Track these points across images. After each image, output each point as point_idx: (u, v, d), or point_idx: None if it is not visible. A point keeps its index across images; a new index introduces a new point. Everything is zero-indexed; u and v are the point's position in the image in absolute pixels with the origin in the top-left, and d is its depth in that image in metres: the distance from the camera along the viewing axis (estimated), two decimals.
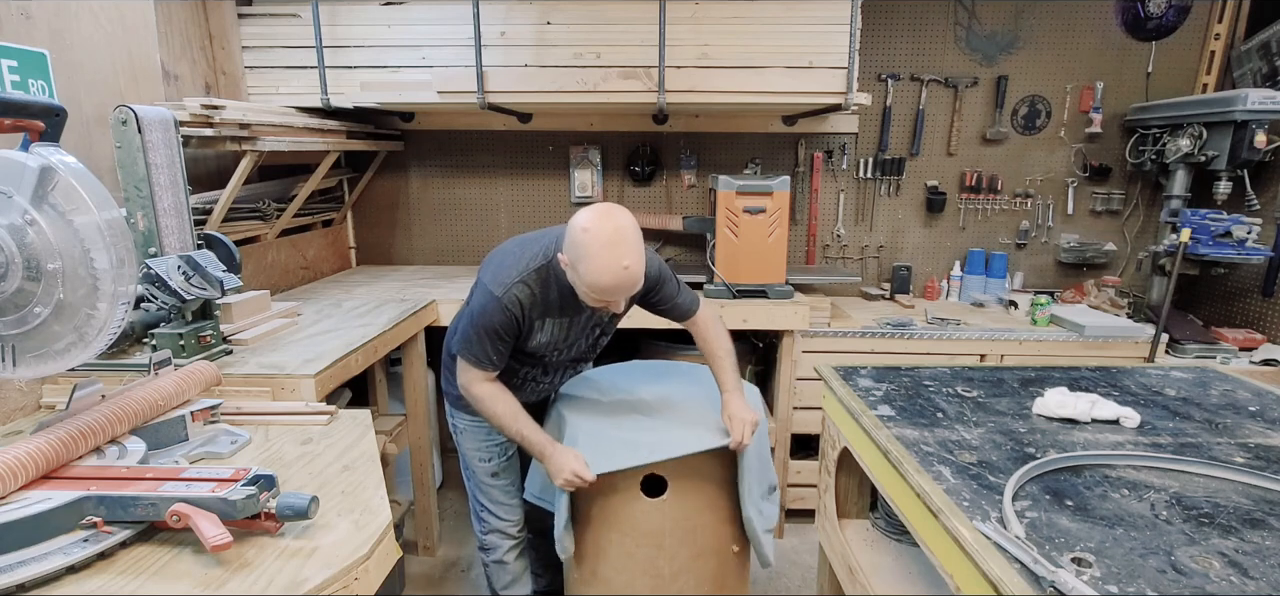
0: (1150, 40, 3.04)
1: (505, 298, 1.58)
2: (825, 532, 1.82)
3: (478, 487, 1.94)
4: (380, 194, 3.41)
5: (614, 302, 1.55)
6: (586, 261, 1.46)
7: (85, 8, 1.90)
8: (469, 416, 1.85)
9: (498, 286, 1.59)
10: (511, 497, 1.95)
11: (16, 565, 0.87)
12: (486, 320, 1.60)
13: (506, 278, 1.59)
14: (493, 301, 1.59)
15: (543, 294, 1.61)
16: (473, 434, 1.89)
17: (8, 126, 1.12)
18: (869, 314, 2.92)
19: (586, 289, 1.51)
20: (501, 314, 1.58)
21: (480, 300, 1.62)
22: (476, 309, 1.63)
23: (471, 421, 1.86)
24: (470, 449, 1.90)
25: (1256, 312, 2.81)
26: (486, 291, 1.61)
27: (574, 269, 1.50)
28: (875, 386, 1.65)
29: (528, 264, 1.60)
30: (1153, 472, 1.19)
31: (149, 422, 1.26)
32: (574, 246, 1.49)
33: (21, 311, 1.03)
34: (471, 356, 1.67)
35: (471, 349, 1.66)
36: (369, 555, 0.98)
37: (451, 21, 2.57)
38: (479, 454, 1.91)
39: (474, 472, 1.93)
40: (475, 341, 1.64)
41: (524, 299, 1.59)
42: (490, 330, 1.61)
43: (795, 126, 3.16)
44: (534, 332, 1.67)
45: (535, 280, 1.60)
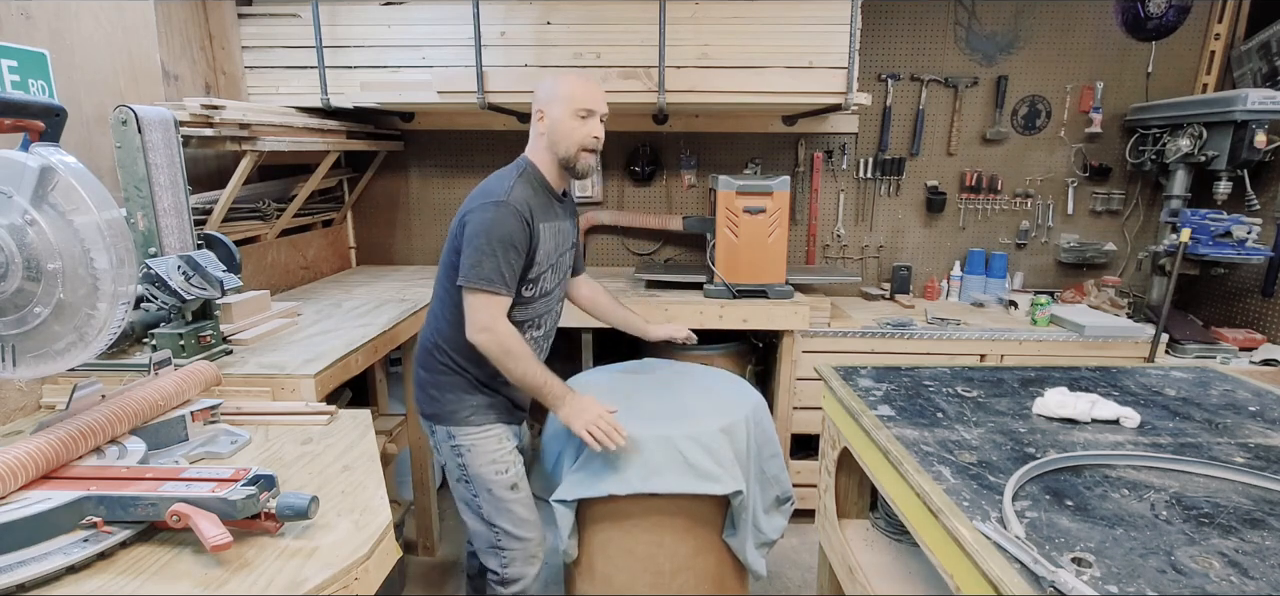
0: (1150, 40, 3.04)
1: (512, 199, 1.56)
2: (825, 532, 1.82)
3: (496, 511, 1.71)
4: (380, 194, 3.41)
5: (594, 108, 1.64)
6: (562, 81, 1.65)
7: (85, 8, 1.90)
8: (476, 427, 1.69)
9: (499, 193, 1.57)
10: (532, 508, 1.77)
11: (16, 565, 0.87)
12: (500, 228, 1.53)
13: (502, 187, 1.59)
14: (501, 208, 1.54)
15: (534, 197, 1.64)
16: (483, 447, 1.69)
17: (8, 126, 1.12)
18: (869, 314, 2.92)
19: (574, 105, 1.62)
20: (513, 217, 1.55)
21: (483, 216, 1.54)
22: (483, 224, 1.53)
23: (480, 431, 1.69)
24: (483, 466, 1.69)
25: (1256, 312, 2.81)
26: (488, 204, 1.55)
27: (554, 101, 1.64)
28: (875, 386, 1.65)
29: (513, 174, 1.65)
30: (1153, 472, 1.19)
31: (149, 422, 1.26)
32: (544, 87, 1.67)
33: (21, 311, 1.03)
34: (487, 279, 1.53)
35: (484, 269, 1.53)
36: (369, 555, 0.98)
37: (451, 21, 2.57)
38: (495, 468, 1.69)
39: (492, 493, 1.69)
40: (490, 255, 1.52)
41: (525, 200, 1.59)
42: (505, 239, 1.53)
43: (795, 126, 3.16)
44: (539, 243, 1.64)
45: (525, 183, 1.64)
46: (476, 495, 1.71)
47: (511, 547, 1.73)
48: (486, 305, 1.56)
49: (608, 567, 1.88)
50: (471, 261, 1.55)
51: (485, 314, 1.57)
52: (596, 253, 3.45)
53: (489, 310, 1.56)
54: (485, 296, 1.56)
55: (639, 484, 1.69)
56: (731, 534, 1.85)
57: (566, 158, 1.68)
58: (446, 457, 1.74)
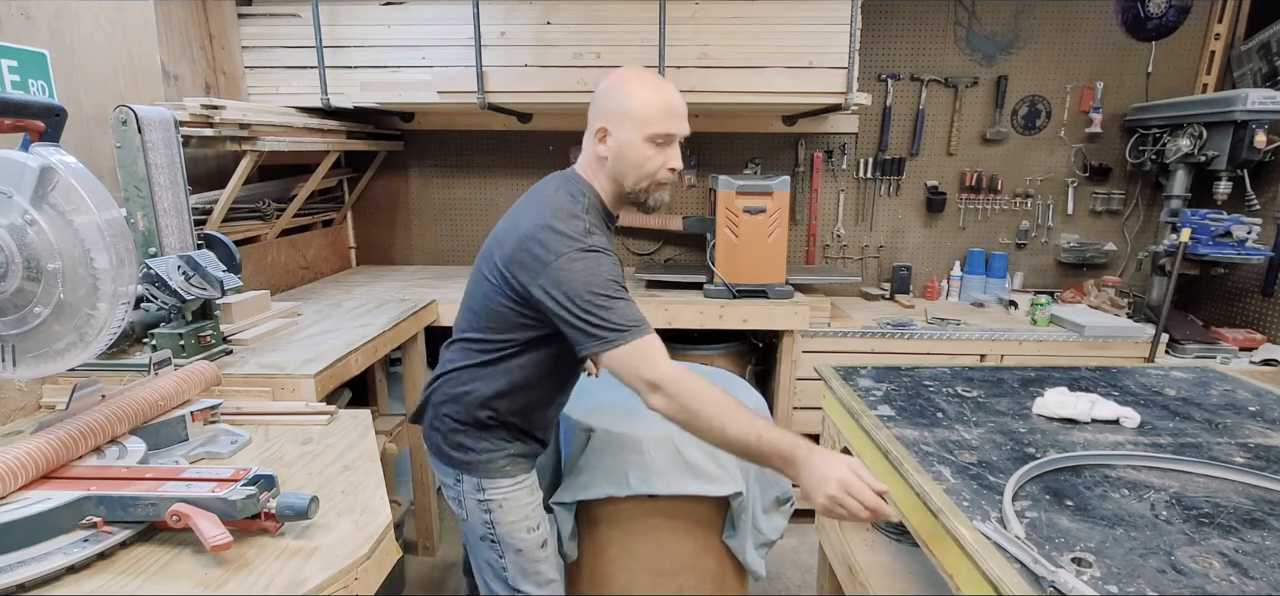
0: (1150, 40, 3.04)
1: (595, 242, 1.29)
2: (825, 532, 1.82)
3: (522, 574, 1.48)
4: (380, 194, 3.41)
5: (673, 132, 1.34)
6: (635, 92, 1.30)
7: (85, 8, 1.90)
8: (510, 478, 1.45)
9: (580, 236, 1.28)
10: (557, 565, 1.58)
11: (16, 565, 0.87)
12: (606, 269, 1.26)
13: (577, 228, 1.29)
14: (590, 256, 1.25)
15: (603, 233, 1.36)
16: (516, 501, 1.46)
17: (8, 126, 1.12)
18: (869, 314, 2.92)
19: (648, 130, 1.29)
20: (608, 256, 1.29)
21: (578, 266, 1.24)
22: (584, 273, 1.23)
23: (514, 483, 1.46)
24: (513, 523, 1.45)
25: (1256, 312, 2.81)
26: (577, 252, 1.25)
27: (624, 118, 1.31)
28: (875, 386, 1.65)
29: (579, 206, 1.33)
30: (1153, 472, 1.19)
31: (149, 422, 1.26)
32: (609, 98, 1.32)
33: (21, 311, 1.03)
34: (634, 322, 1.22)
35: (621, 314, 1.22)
36: (369, 555, 0.98)
37: (451, 21, 2.57)
38: (527, 523, 1.47)
39: (521, 554, 1.47)
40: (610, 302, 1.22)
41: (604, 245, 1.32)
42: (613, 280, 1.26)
43: (795, 126, 3.16)
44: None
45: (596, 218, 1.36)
46: (503, 556, 1.47)
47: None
48: (646, 353, 1.22)
49: (608, 568, 1.88)
50: (596, 320, 1.22)
51: (650, 367, 1.22)
52: None
53: (647, 358, 1.22)
54: (641, 343, 1.22)
55: (639, 485, 1.69)
56: (731, 534, 1.85)
57: (635, 192, 1.38)
58: (470, 512, 1.48)
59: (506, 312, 1.36)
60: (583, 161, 1.43)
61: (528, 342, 1.39)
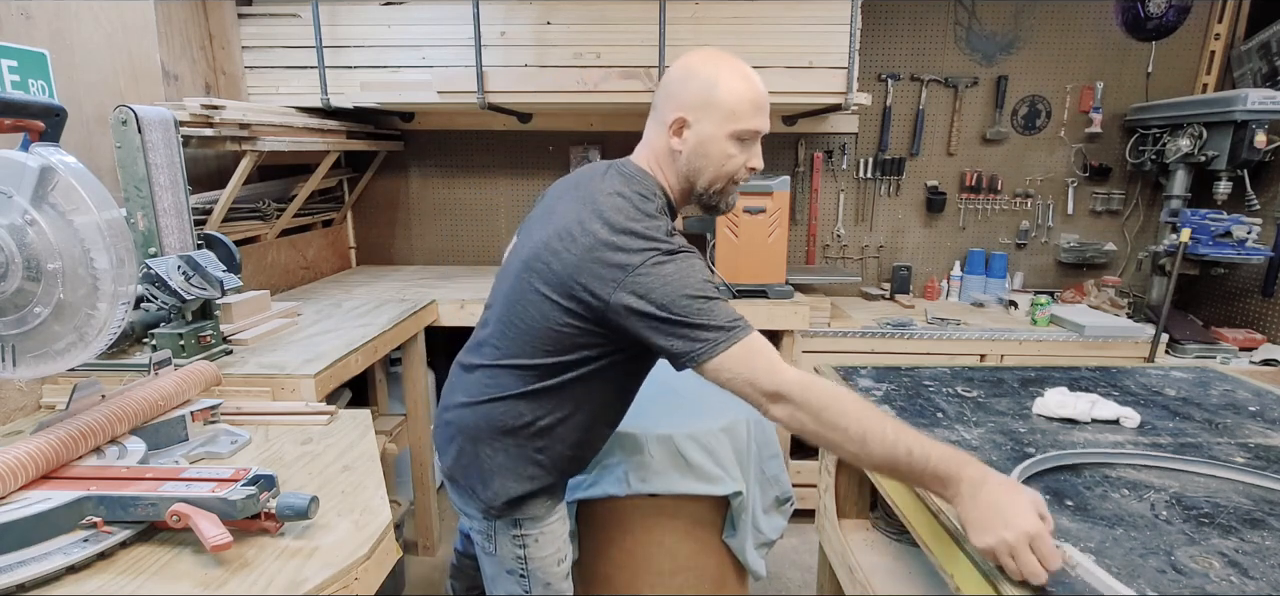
0: (1150, 40, 3.04)
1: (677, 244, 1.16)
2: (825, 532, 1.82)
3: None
4: (380, 194, 3.41)
5: (760, 128, 1.20)
6: (723, 80, 1.16)
7: (85, 8, 1.90)
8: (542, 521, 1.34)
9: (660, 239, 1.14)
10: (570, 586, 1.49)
11: (16, 565, 0.87)
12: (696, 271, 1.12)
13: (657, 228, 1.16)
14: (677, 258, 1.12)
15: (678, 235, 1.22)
16: (553, 532, 1.36)
17: (8, 126, 1.12)
18: (869, 314, 2.92)
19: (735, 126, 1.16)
20: (697, 258, 1.17)
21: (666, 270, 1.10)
22: (675, 277, 1.10)
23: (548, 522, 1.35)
24: (549, 556, 1.35)
25: (1256, 312, 2.81)
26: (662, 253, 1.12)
27: (709, 110, 1.17)
28: (875, 386, 1.65)
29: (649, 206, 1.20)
30: (1152, 472, 1.19)
31: (149, 422, 1.26)
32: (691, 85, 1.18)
33: (21, 311, 1.03)
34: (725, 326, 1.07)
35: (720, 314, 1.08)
36: (369, 555, 0.97)
37: (451, 21, 2.57)
38: (557, 555, 1.37)
39: (550, 587, 1.38)
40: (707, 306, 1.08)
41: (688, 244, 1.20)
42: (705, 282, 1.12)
43: (795, 126, 3.16)
44: None
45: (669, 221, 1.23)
46: (530, 590, 1.37)
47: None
48: (759, 356, 1.07)
49: (608, 568, 1.88)
50: (694, 328, 1.08)
51: (768, 374, 1.06)
52: None
53: (769, 363, 1.07)
54: (750, 344, 1.08)
55: (639, 485, 1.69)
56: (731, 534, 1.85)
57: (706, 192, 1.25)
58: (500, 547, 1.35)
59: (571, 332, 1.19)
60: (646, 154, 1.27)
61: (595, 363, 1.22)
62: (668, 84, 1.22)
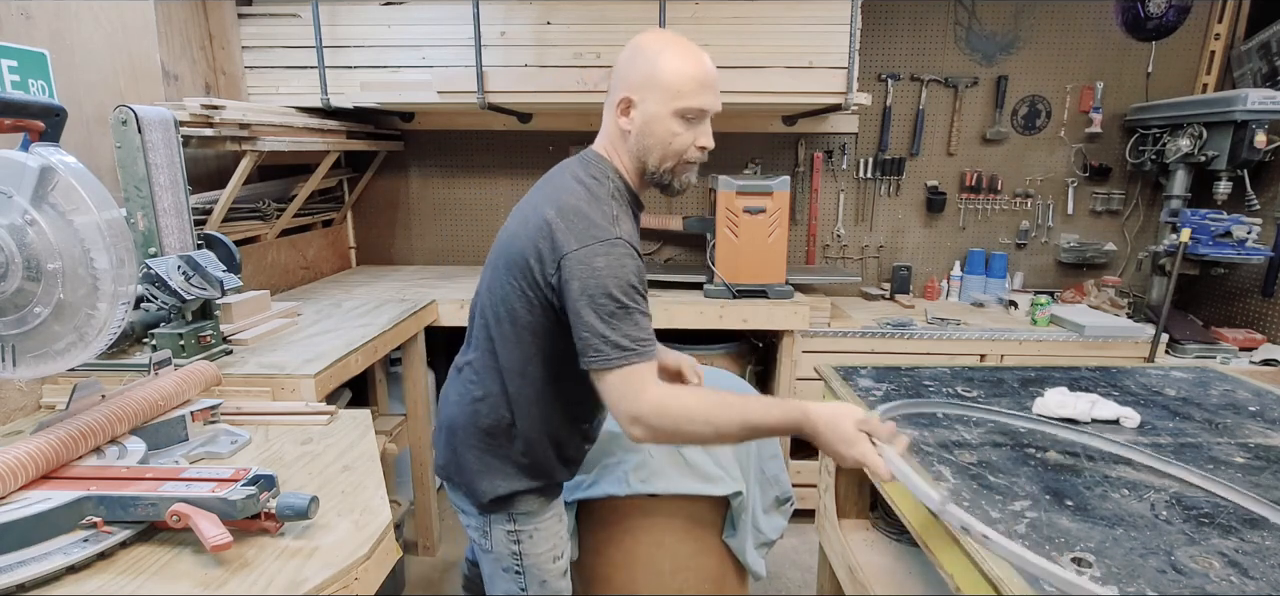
0: (1150, 40, 3.04)
1: (622, 233, 1.16)
2: (825, 532, 1.82)
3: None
4: (380, 194, 3.41)
5: (706, 107, 1.21)
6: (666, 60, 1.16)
7: (85, 8, 1.90)
8: (537, 517, 1.36)
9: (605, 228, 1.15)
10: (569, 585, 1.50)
11: (16, 565, 0.87)
12: (625, 272, 1.12)
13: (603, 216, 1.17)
14: (618, 247, 1.13)
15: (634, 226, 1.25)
16: (548, 529, 1.37)
17: (8, 126, 1.12)
18: (869, 314, 2.92)
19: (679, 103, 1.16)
20: (631, 256, 1.16)
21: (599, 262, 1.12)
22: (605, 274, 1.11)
23: (542, 518, 1.36)
24: (542, 554, 1.37)
25: (1256, 312, 2.81)
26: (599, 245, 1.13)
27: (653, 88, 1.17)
28: (875, 386, 1.65)
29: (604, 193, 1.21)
30: (1153, 472, 1.19)
31: (149, 422, 1.26)
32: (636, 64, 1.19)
33: (21, 311, 1.03)
34: (625, 349, 1.09)
35: (620, 334, 1.09)
36: (369, 555, 0.97)
37: (451, 21, 2.57)
38: (552, 553, 1.39)
39: (546, 584, 1.39)
40: (623, 315, 1.10)
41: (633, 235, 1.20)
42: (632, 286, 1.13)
43: (795, 126, 3.16)
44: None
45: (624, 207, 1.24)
46: (526, 588, 1.39)
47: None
48: (641, 373, 1.11)
49: (608, 568, 1.88)
50: (602, 331, 1.10)
51: (633, 400, 1.11)
52: None
53: (639, 390, 1.11)
54: (636, 371, 1.11)
55: (638, 485, 1.69)
56: (731, 534, 1.85)
57: (658, 171, 1.24)
58: (496, 544, 1.37)
59: (531, 320, 1.22)
60: (603, 138, 1.29)
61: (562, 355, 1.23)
62: (618, 66, 1.23)
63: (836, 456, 1.10)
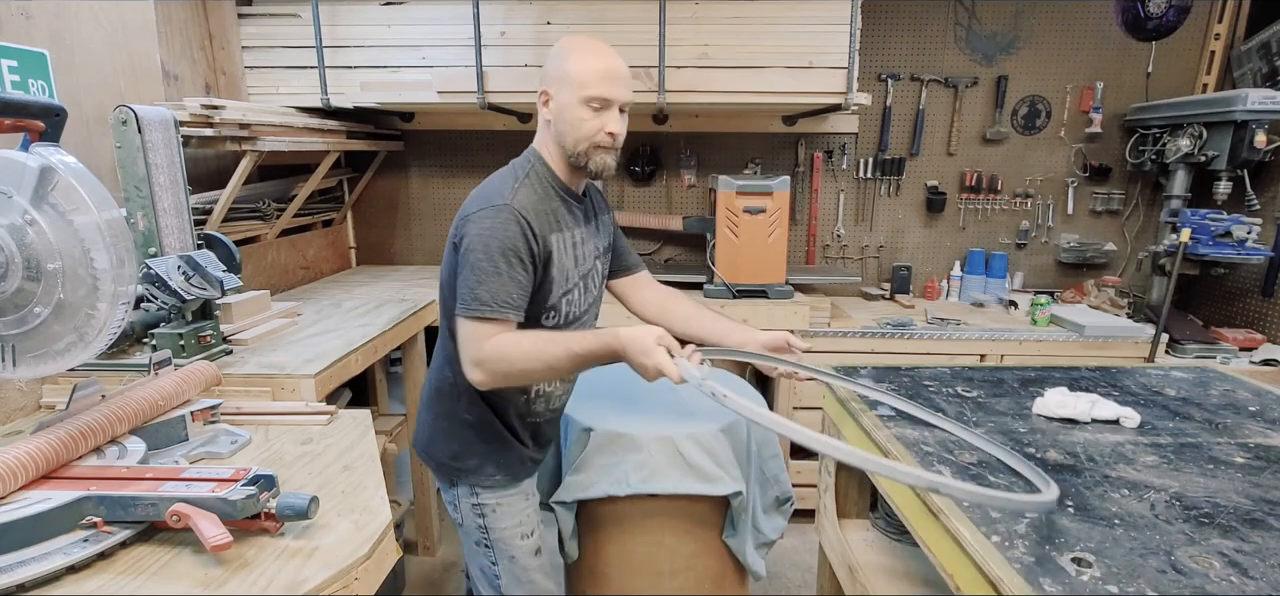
0: (1150, 40, 3.04)
1: (516, 203, 1.29)
2: (825, 532, 1.82)
3: (515, 582, 1.50)
4: (380, 194, 3.41)
5: (610, 97, 1.33)
6: (573, 55, 1.33)
7: (85, 8, 1.90)
8: (500, 490, 1.47)
9: (500, 196, 1.30)
10: (550, 573, 1.58)
11: (16, 565, 0.87)
12: (500, 237, 1.26)
13: (504, 188, 1.32)
14: (500, 212, 1.27)
15: (541, 199, 1.35)
16: (509, 507, 1.47)
17: (8, 126, 1.12)
18: (869, 314, 2.92)
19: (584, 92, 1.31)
20: (513, 220, 1.27)
21: (480, 225, 1.28)
22: (480, 236, 1.27)
23: (506, 493, 1.48)
24: (507, 529, 1.47)
25: (1256, 312, 2.81)
26: (486, 210, 1.29)
27: (563, 82, 1.34)
28: (875, 386, 1.65)
29: (520, 173, 1.37)
30: (1153, 472, 1.19)
31: (149, 422, 1.26)
32: (551, 62, 1.37)
33: (21, 311, 1.03)
34: (484, 304, 1.24)
35: (482, 289, 1.25)
36: (369, 555, 0.98)
37: (451, 21, 2.57)
38: (520, 530, 1.49)
39: (515, 561, 1.49)
40: (492, 274, 1.25)
41: (531, 207, 1.31)
42: (505, 249, 1.26)
43: (795, 126, 3.16)
44: (552, 257, 1.36)
45: (533, 185, 1.36)
46: (496, 563, 1.48)
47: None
48: (475, 336, 1.27)
49: (607, 568, 1.88)
50: (468, 283, 1.27)
51: (472, 346, 1.27)
52: None
53: (475, 341, 1.27)
54: (476, 325, 1.26)
55: (639, 485, 1.69)
56: (731, 534, 1.85)
57: (574, 154, 1.37)
58: (465, 517, 1.49)
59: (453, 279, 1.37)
60: (537, 134, 1.46)
61: None
62: (543, 66, 1.42)
63: (640, 368, 1.28)
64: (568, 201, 1.43)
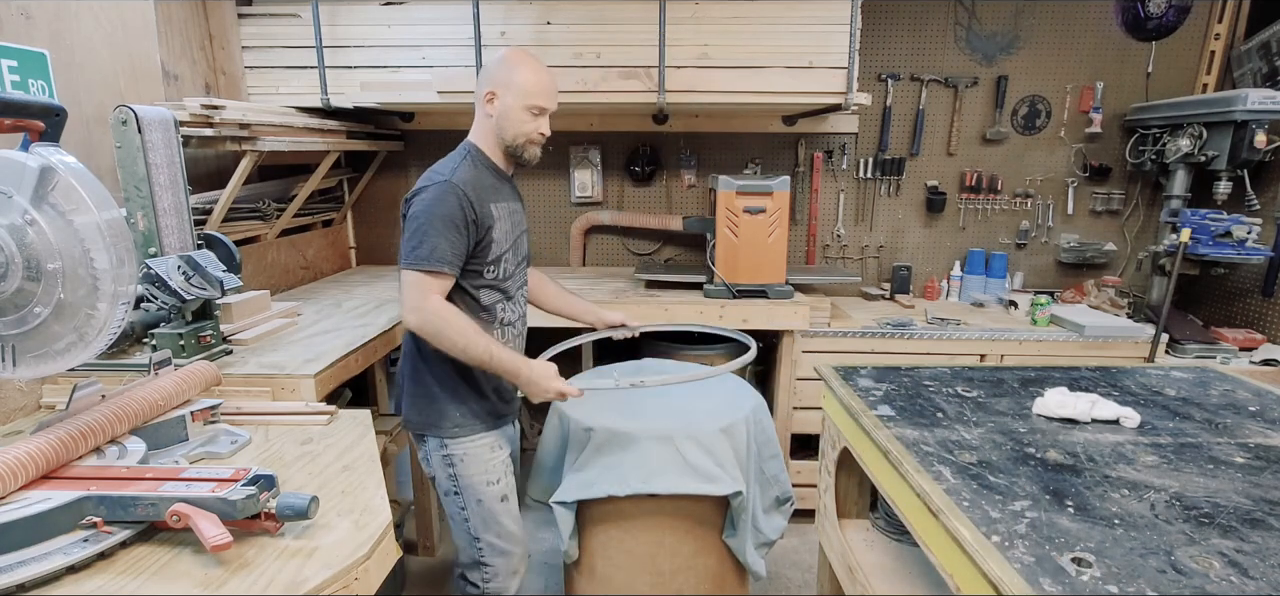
0: (1150, 40, 3.04)
1: (456, 179, 1.53)
2: (825, 532, 1.82)
3: (484, 523, 1.68)
4: (380, 194, 3.41)
5: (546, 107, 1.62)
6: (519, 69, 1.58)
7: (85, 8, 1.90)
8: (467, 435, 1.65)
9: (438, 175, 1.55)
10: (519, 521, 1.75)
11: (16, 565, 0.87)
12: (441, 206, 1.49)
13: (447, 168, 1.56)
14: (443, 187, 1.51)
15: (479, 177, 1.59)
16: (476, 457, 1.66)
17: (8, 126, 1.12)
18: (869, 314, 2.92)
19: (527, 101, 1.58)
20: (453, 194, 1.51)
21: (424, 197, 1.51)
22: (423, 204, 1.51)
23: (472, 440, 1.66)
24: (474, 476, 1.65)
25: (1256, 312, 2.81)
26: (430, 186, 1.52)
27: (509, 88, 1.58)
28: (875, 386, 1.65)
29: (458, 157, 1.61)
30: (1153, 472, 1.19)
31: (149, 422, 1.26)
32: (500, 69, 1.60)
33: (21, 311, 1.03)
34: (423, 258, 1.48)
35: (421, 248, 1.48)
36: (369, 555, 0.98)
37: (451, 21, 2.57)
38: (486, 477, 1.67)
39: (482, 504, 1.67)
40: (430, 234, 1.48)
41: (470, 182, 1.55)
42: (445, 217, 1.49)
43: (795, 126, 3.16)
44: (495, 222, 1.60)
45: (469, 166, 1.59)
46: (465, 507, 1.67)
47: (495, 562, 1.70)
48: (418, 284, 1.49)
49: (608, 568, 1.88)
50: (410, 242, 1.50)
51: (415, 293, 1.49)
52: (596, 252, 3.45)
53: (419, 289, 1.49)
54: (418, 275, 1.49)
55: (639, 484, 1.69)
56: (731, 534, 1.85)
57: (513, 147, 1.64)
58: (436, 468, 1.69)
59: None
60: (475, 128, 1.68)
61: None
62: (487, 68, 1.65)
63: (541, 394, 1.58)
64: (500, 180, 1.69)
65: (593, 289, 2.81)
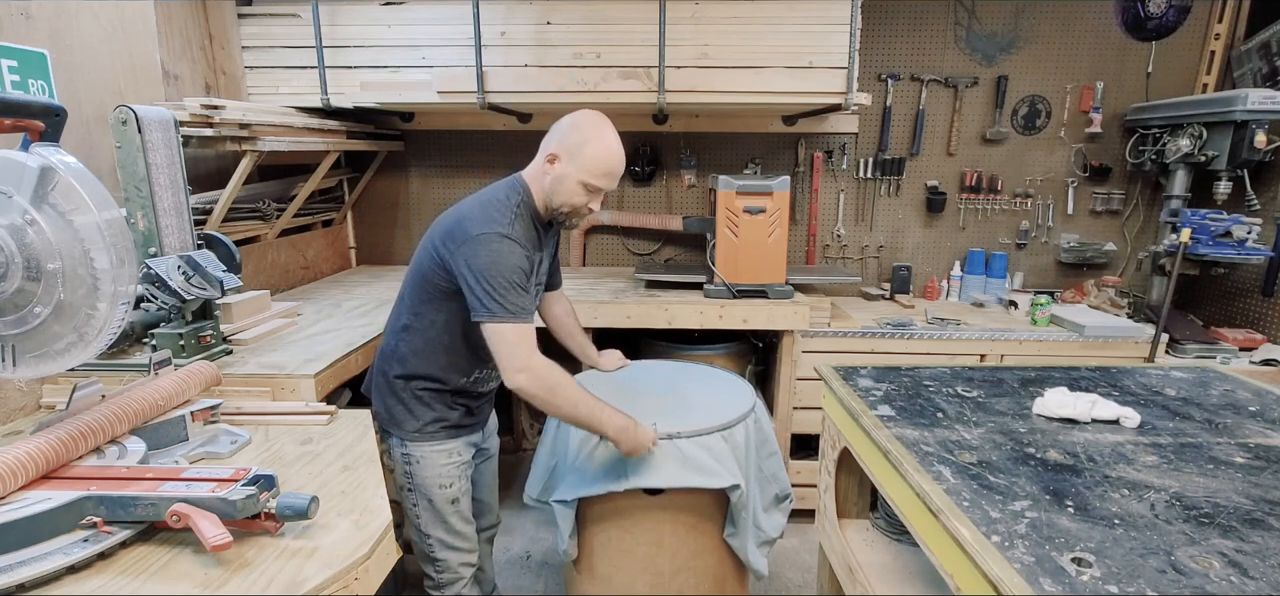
0: (1150, 40, 3.04)
1: (514, 234, 1.51)
2: (825, 532, 1.82)
3: (434, 522, 1.73)
4: (380, 194, 3.41)
5: (609, 186, 1.60)
6: (591, 144, 1.54)
7: (85, 8, 1.90)
8: (428, 441, 1.67)
9: (504, 227, 1.51)
10: (468, 521, 1.79)
11: (16, 565, 0.87)
12: (513, 260, 1.48)
13: (503, 220, 1.53)
14: (509, 243, 1.49)
15: (528, 233, 1.59)
16: (432, 460, 1.69)
17: (8, 126, 1.12)
18: (869, 314, 2.92)
19: (586, 177, 1.54)
20: (521, 255, 1.50)
21: (493, 248, 1.47)
22: (495, 257, 1.47)
23: (432, 446, 1.68)
24: (429, 479, 1.69)
25: (1256, 312, 2.81)
26: (495, 235, 1.49)
27: (573, 159, 1.55)
28: (875, 386, 1.65)
29: (511, 204, 1.57)
30: (1153, 472, 1.19)
31: (149, 422, 1.26)
32: (572, 135, 1.56)
33: (21, 311, 1.03)
34: (514, 313, 1.46)
35: (510, 300, 1.46)
36: (369, 555, 0.98)
37: (451, 21, 2.57)
38: (438, 481, 1.70)
39: (433, 504, 1.71)
40: (512, 288, 1.47)
41: (525, 238, 1.55)
42: (517, 268, 1.48)
43: (795, 126, 3.16)
44: (536, 271, 1.61)
45: (523, 221, 1.58)
46: (417, 505, 1.72)
47: (444, 556, 1.76)
48: (522, 339, 1.47)
49: (608, 568, 1.88)
50: (493, 294, 1.45)
51: (522, 350, 1.47)
52: (596, 253, 3.45)
53: (525, 345, 1.47)
54: (517, 327, 1.47)
55: (637, 480, 1.69)
56: (732, 533, 1.85)
57: (557, 211, 1.62)
58: (396, 465, 1.73)
59: (436, 281, 1.58)
60: (532, 168, 1.65)
61: (444, 305, 1.61)
62: (558, 126, 1.61)
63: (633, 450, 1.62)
64: (542, 231, 1.69)
65: (593, 289, 2.81)
